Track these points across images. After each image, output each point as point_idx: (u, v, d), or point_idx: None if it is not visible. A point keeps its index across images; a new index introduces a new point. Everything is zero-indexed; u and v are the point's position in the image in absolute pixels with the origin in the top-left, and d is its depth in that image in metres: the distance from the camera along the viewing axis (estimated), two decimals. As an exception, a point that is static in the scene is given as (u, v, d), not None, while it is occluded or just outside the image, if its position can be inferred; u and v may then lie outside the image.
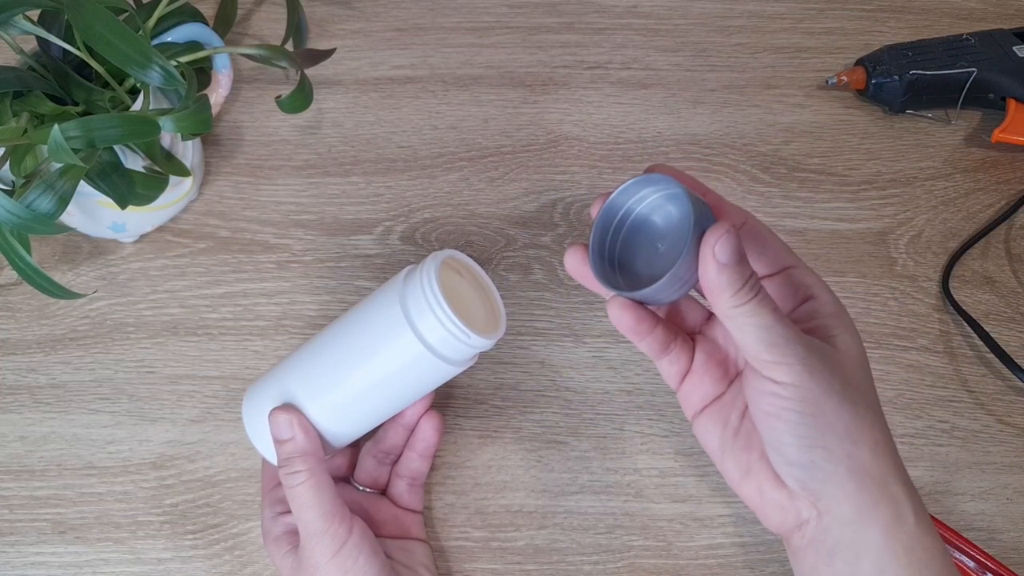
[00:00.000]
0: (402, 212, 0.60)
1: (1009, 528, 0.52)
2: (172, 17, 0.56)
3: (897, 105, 0.64)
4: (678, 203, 0.40)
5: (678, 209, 0.40)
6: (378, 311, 0.45)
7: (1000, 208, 0.61)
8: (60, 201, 0.45)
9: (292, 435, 0.45)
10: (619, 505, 0.52)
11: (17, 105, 0.50)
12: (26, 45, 0.52)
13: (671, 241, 0.40)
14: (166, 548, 0.51)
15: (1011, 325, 0.58)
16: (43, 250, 0.58)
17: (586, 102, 0.65)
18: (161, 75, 0.46)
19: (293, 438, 0.45)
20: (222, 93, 0.61)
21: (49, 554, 0.51)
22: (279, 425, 0.45)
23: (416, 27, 0.67)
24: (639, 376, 0.56)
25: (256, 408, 0.47)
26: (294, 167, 0.62)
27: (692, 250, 0.36)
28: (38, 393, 0.55)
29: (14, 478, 0.52)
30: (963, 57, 0.63)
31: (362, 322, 0.45)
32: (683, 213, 0.39)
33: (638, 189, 0.40)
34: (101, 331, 0.56)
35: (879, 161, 0.63)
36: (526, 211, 0.61)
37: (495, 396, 0.55)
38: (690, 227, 0.36)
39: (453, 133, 0.63)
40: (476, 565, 0.51)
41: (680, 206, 0.40)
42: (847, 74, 0.64)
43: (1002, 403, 0.55)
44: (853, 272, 0.59)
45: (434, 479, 0.53)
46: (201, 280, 0.58)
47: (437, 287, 0.43)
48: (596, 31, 0.67)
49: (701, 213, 0.37)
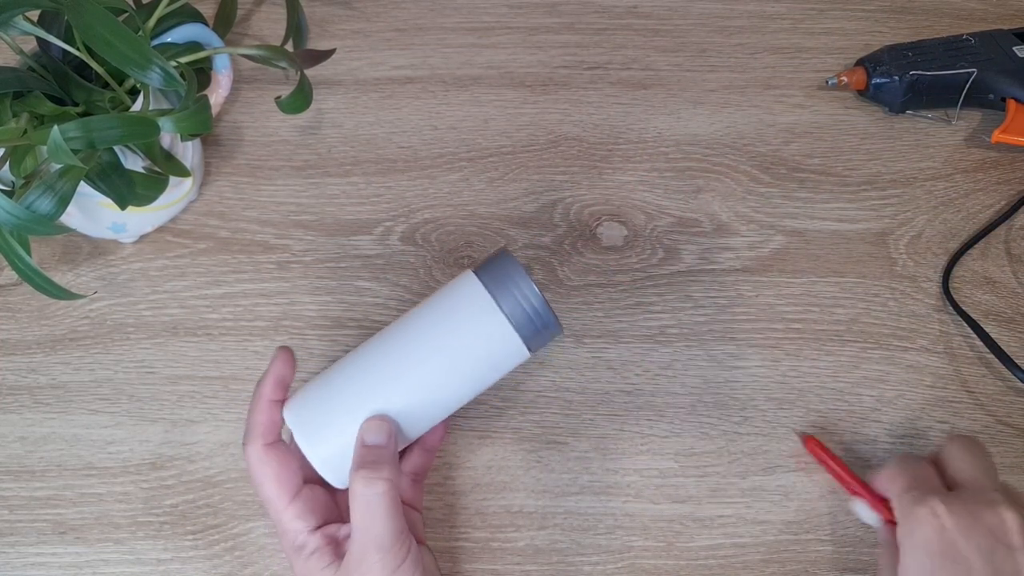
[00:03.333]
0: (402, 212, 0.60)
1: (1009, 529, 0.52)
2: (172, 17, 0.56)
3: (897, 105, 0.64)
4: None
5: None
6: (458, 300, 0.46)
7: (1000, 208, 0.61)
8: (60, 202, 0.45)
9: (386, 443, 0.44)
10: (619, 506, 0.53)
11: (17, 106, 0.50)
12: (26, 46, 0.52)
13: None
14: (166, 548, 0.51)
15: (1011, 325, 0.58)
16: (43, 251, 0.58)
17: (586, 102, 0.65)
18: (161, 76, 0.46)
19: (386, 446, 0.44)
20: (222, 93, 0.61)
21: (49, 555, 0.51)
22: (374, 431, 0.44)
23: (416, 27, 0.67)
24: (639, 376, 0.56)
25: (315, 417, 0.46)
26: (294, 167, 0.62)
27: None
28: (38, 393, 0.55)
29: (14, 478, 0.52)
30: (963, 57, 0.63)
31: (438, 314, 0.46)
32: None
33: None
34: (101, 331, 0.56)
35: (879, 161, 0.63)
36: (526, 211, 0.61)
37: (495, 396, 0.55)
38: None
39: (453, 133, 0.63)
40: (476, 566, 0.51)
41: None
42: (847, 74, 0.64)
43: (1002, 404, 0.55)
44: (853, 272, 0.59)
45: (434, 479, 0.53)
46: (201, 280, 0.58)
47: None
48: (596, 31, 0.67)
49: None
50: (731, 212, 0.61)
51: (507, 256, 0.47)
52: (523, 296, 0.46)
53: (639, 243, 0.60)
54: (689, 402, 0.55)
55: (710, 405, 0.55)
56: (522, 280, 0.46)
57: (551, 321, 0.46)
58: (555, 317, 0.46)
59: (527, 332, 0.46)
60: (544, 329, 0.47)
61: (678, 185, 0.62)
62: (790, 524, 0.52)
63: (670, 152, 0.63)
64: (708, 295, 0.58)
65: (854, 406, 0.55)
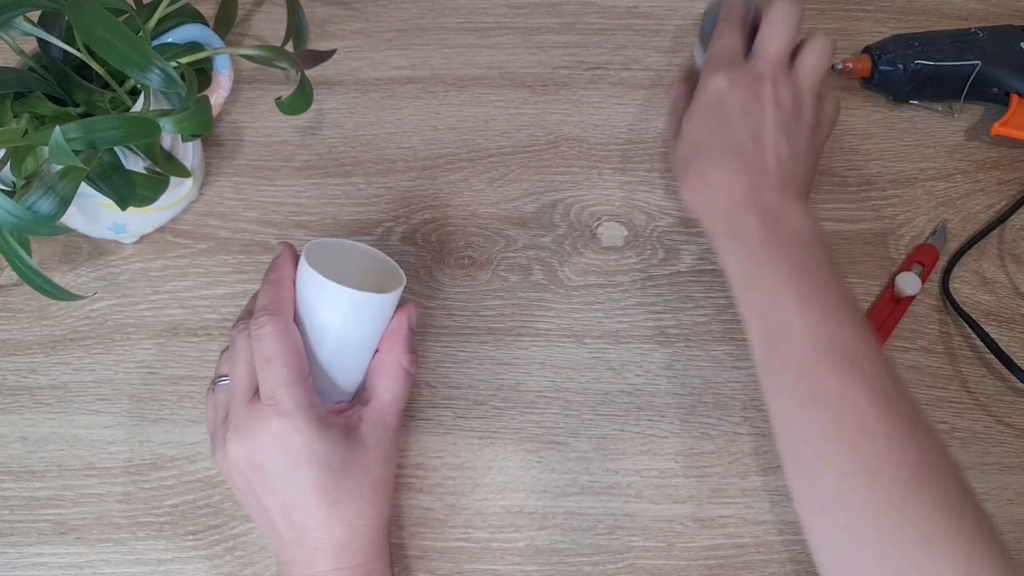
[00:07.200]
0: (402, 213, 0.60)
1: (1010, 529, 0.52)
2: (172, 18, 0.56)
3: (901, 94, 0.64)
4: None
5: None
6: (299, 294, 0.48)
7: (1000, 209, 0.61)
8: (61, 202, 0.45)
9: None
10: (619, 506, 0.53)
11: (18, 106, 0.50)
12: (26, 46, 0.52)
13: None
14: (167, 549, 0.51)
15: (1011, 326, 0.58)
16: (43, 251, 0.58)
17: (586, 103, 0.65)
18: (161, 76, 0.46)
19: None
20: (222, 94, 0.61)
21: (50, 555, 0.51)
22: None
23: (416, 28, 0.67)
24: (639, 377, 0.56)
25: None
26: (294, 168, 0.62)
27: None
28: (39, 394, 0.55)
29: (15, 479, 0.53)
30: (969, 50, 0.63)
31: (307, 316, 0.48)
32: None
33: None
34: (101, 332, 0.56)
35: (879, 162, 0.63)
36: (526, 212, 0.61)
37: (495, 397, 0.55)
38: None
39: (453, 134, 0.63)
40: (477, 566, 0.51)
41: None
42: (853, 61, 0.64)
43: (1002, 404, 0.55)
44: (853, 272, 0.59)
45: (434, 480, 0.53)
46: (201, 281, 0.58)
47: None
48: (596, 31, 0.67)
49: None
50: (731, 212, 0.61)
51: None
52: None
53: (639, 243, 0.60)
54: (689, 402, 0.55)
55: (710, 405, 0.55)
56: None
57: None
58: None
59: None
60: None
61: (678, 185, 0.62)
62: (790, 524, 0.52)
63: (670, 152, 0.63)
64: (708, 295, 0.58)
65: (854, 406, 0.55)
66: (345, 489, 0.45)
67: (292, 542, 0.45)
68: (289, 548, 0.45)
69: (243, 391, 0.46)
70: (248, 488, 0.46)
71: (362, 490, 0.46)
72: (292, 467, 0.44)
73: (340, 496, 0.45)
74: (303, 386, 0.45)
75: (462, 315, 0.57)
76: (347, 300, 0.47)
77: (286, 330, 0.46)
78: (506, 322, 0.57)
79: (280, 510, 0.45)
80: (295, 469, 0.44)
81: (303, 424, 0.44)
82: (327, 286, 0.46)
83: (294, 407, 0.44)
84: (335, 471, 0.45)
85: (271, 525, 0.46)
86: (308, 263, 0.47)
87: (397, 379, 0.49)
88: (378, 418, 0.48)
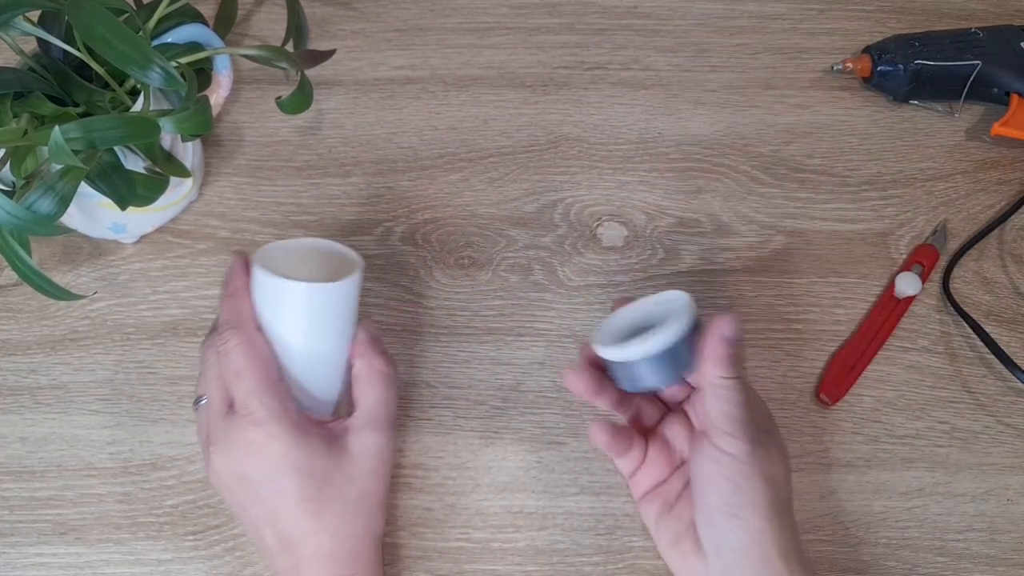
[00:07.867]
0: (402, 213, 0.60)
1: (1010, 529, 0.52)
2: (172, 18, 0.56)
3: (901, 94, 0.64)
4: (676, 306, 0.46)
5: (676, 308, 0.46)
6: (257, 303, 0.47)
7: (1000, 209, 0.61)
8: (60, 202, 0.45)
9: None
10: (619, 506, 0.53)
11: (17, 106, 0.50)
12: (26, 46, 0.52)
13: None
14: (166, 549, 0.51)
15: (1011, 326, 0.58)
16: (43, 251, 0.58)
17: (586, 103, 0.65)
18: (161, 76, 0.46)
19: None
20: (222, 94, 0.61)
21: (50, 555, 0.51)
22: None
23: (417, 28, 0.67)
24: (639, 377, 0.56)
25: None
26: (294, 168, 0.62)
27: (689, 337, 0.44)
28: (38, 394, 0.55)
29: (15, 479, 0.52)
30: (969, 50, 0.63)
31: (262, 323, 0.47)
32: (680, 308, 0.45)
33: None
34: (101, 332, 0.56)
35: (880, 162, 0.63)
36: (526, 212, 0.61)
37: (495, 397, 0.55)
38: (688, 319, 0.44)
39: (453, 134, 0.63)
40: (477, 566, 0.51)
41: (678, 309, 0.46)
42: (853, 61, 0.64)
43: (1002, 404, 0.55)
44: (853, 273, 0.59)
45: (434, 480, 0.53)
46: (201, 281, 0.58)
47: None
48: (596, 32, 0.67)
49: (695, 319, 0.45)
50: (731, 212, 0.61)
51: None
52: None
53: (639, 243, 0.60)
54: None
55: (710, 405, 0.55)
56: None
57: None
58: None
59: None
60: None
61: (678, 185, 0.62)
62: (790, 524, 0.52)
63: (670, 152, 0.63)
64: (708, 295, 0.58)
65: (855, 406, 0.55)
66: (327, 498, 0.45)
67: (280, 553, 0.45)
68: (277, 560, 0.45)
69: (219, 406, 0.46)
70: (236, 501, 0.46)
71: (346, 500, 0.46)
72: (273, 475, 0.45)
73: (323, 505, 0.45)
74: (274, 393, 0.45)
75: (462, 315, 0.57)
76: (304, 295, 0.46)
77: (250, 341, 0.46)
78: (506, 322, 0.57)
79: (267, 520, 0.45)
80: (276, 478, 0.45)
81: (278, 431, 0.44)
82: (283, 286, 0.45)
83: (268, 415, 0.44)
84: (316, 479, 0.45)
85: (260, 537, 0.46)
86: (260, 267, 0.46)
87: (375, 383, 0.48)
88: (364, 425, 0.47)
